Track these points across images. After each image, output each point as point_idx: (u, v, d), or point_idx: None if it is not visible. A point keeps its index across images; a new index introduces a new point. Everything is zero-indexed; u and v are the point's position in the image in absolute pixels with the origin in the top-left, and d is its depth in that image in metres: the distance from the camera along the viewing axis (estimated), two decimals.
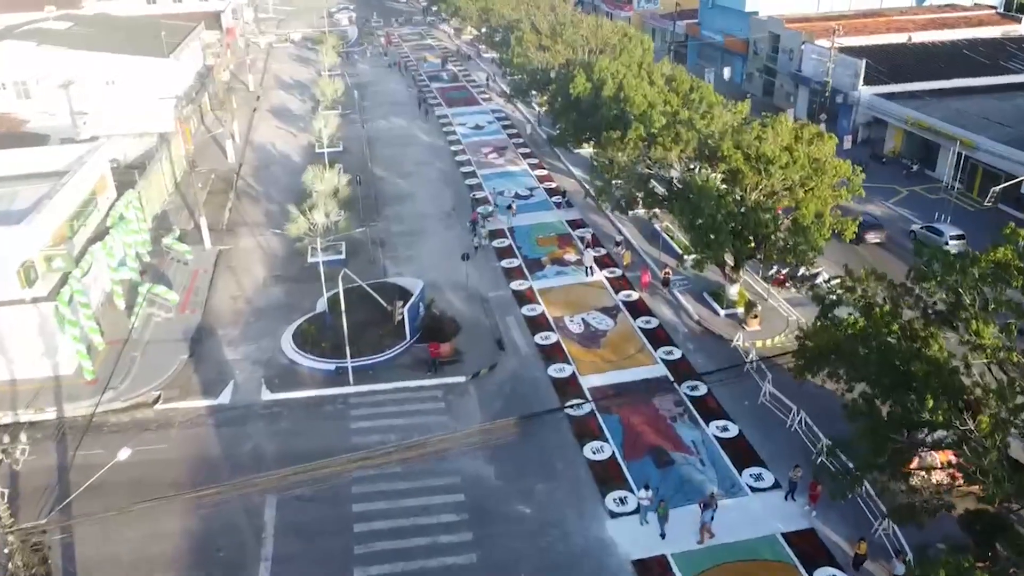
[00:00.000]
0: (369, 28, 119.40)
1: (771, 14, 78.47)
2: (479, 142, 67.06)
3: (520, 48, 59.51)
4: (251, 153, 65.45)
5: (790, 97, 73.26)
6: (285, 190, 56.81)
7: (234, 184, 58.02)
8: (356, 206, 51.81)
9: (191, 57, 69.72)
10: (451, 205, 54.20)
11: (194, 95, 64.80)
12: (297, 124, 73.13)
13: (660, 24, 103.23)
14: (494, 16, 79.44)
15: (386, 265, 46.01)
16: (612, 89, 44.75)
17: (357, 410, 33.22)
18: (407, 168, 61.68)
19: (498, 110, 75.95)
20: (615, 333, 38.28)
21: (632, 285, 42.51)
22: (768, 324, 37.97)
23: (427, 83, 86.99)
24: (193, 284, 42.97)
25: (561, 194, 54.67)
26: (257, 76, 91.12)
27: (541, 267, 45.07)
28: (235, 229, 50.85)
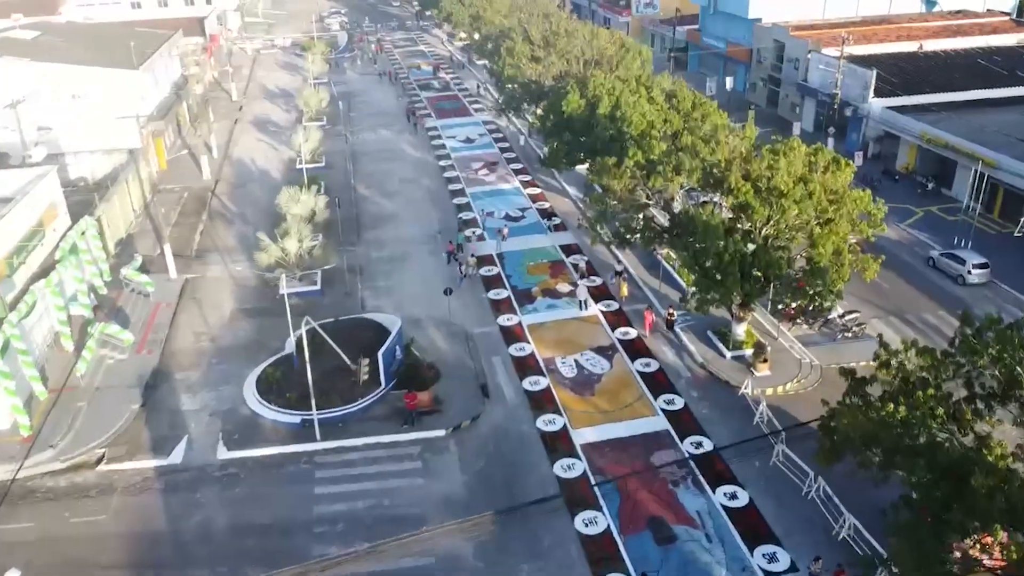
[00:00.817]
0: (360, 33, 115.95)
1: (776, 21, 75.15)
2: (469, 157, 63.69)
3: (511, 59, 56.14)
4: (229, 169, 62.05)
5: (796, 108, 69.92)
6: (262, 211, 53.40)
7: (207, 204, 54.61)
8: (335, 228, 48.53)
9: (166, 67, 66.34)
10: (437, 228, 50.79)
11: (167, 108, 61.39)
12: (280, 136, 69.74)
13: (659, 30, 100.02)
14: (485, 23, 76.03)
15: (364, 297, 42.61)
16: (608, 107, 41.37)
17: (324, 471, 29.81)
18: (392, 186, 58.31)
19: (490, 121, 72.60)
20: (611, 378, 34.88)
21: (630, 321, 39.13)
22: (779, 368, 34.58)
23: (417, 92, 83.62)
24: (153, 319, 39.55)
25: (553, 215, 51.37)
26: (241, 84, 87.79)
27: (531, 299, 41.68)
28: (205, 255, 47.42)
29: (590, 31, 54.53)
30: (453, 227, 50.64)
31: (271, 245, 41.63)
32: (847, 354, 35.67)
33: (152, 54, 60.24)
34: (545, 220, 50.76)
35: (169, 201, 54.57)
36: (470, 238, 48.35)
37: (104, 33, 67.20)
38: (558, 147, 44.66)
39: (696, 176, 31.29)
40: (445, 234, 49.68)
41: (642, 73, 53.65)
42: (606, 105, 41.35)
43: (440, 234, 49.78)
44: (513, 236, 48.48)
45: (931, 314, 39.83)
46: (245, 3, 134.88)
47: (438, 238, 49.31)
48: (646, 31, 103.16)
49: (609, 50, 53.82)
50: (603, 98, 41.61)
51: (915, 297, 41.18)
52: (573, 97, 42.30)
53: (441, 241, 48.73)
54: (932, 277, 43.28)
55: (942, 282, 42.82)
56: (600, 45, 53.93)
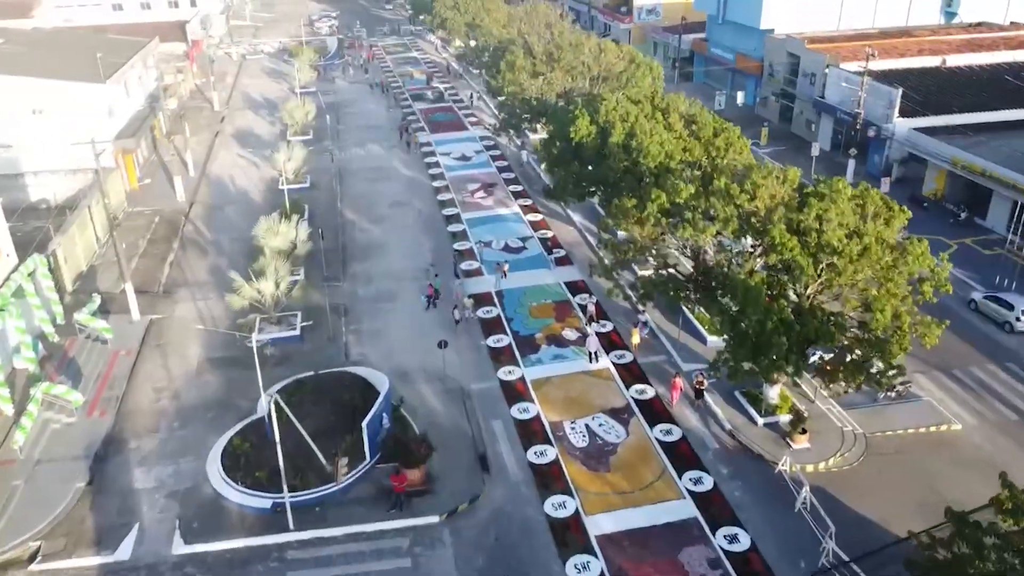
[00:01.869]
0: (350, 39, 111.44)
1: (789, 32, 71.12)
2: (465, 177, 59.37)
3: (512, 74, 51.81)
4: (206, 189, 57.55)
5: (811, 126, 65.90)
6: (239, 238, 48.97)
7: (180, 230, 50.12)
8: (318, 260, 44.18)
9: (141, 78, 61.82)
10: (430, 260, 46.46)
11: (140, 123, 56.86)
12: (262, 151, 65.22)
13: (662, 38, 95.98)
14: (482, 33, 71.56)
15: (348, 342, 38.25)
16: (622, 135, 37.11)
17: (296, 570, 25.46)
18: (381, 210, 53.93)
19: (487, 137, 68.26)
20: (628, 448, 30.63)
21: (646, 376, 34.89)
22: (819, 439, 30.41)
23: (409, 103, 79.21)
24: (110, 372, 35.09)
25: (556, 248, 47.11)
26: (224, 93, 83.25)
27: (535, 348, 37.40)
28: (173, 291, 42.97)
29: (597, 45, 50.29)
30: (448, 259, 46.34)
31: (244, 286, 37.23)
32: (894, 419, 31.68)
33: (123, 65, 55.72)
34: (548, 252, 46.43)
35: (138, 227, 50.10)
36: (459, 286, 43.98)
37: (73, 41, 62.63)
38: (565, 177, 40.27)
39: (732, 227, 27.07)
40: (440, 266, 45.41)
41: (654, 91, 49.42)
42: (620, 132, 37.08)
43: (432, 267, 45.45)
44: (513, 271, 44.17)
45: (979, 367, 35.85)
46: (232, 5, 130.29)
47: (431, 272, 44.97)
48: (648, 39, 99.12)
49: (617, 65, 49.58)
50: (616, 124, 37.32)
51: (958, 347, 37.08)
52: (582, 122, 38.03)
53: (433, 276, 44.40)
54: (975, 322, 39.26)
55: (986, 328, 38.84)
56: (608, 60, 49.72)
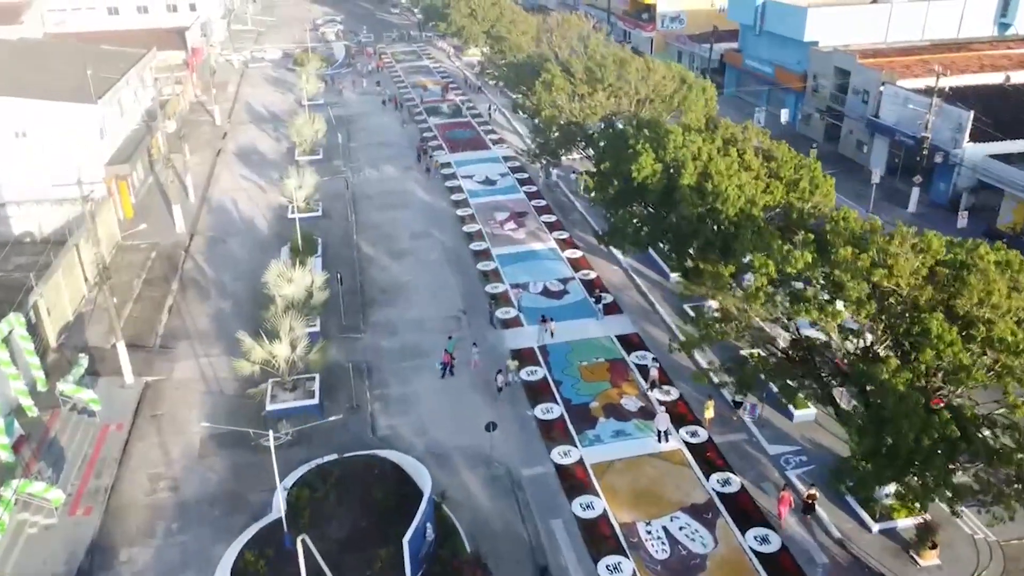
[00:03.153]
0: (357, 46, 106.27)
1: (834, 44, 66.14)
2: (491, 204, 54.23)
3: (548, 95, 46.61)
4: (207, 217, 52.36)
5: (863, 147, 60.86)
6: (245, 277, 43.90)
7: (179, 268, 44.95)
8: (336, 306, 39.10)
9: (136, 93, 56.64)
10: (461, 305, 41.36)
11: (136, 144, 51.66)
12: (268, 173, 60.11)
13: (687, 47, 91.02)
14: (509, 47, 66.25)
15: (374, 412, 33.13)
16: (694, 176, 32.01)
17: None
18: (401, 242, 48.79)
19: (511, 157, 63.17)
20: (718, 562, 25.53)
21: (726, 460, 29.82)
22: (949, 553, 25.32)
23: (424, 118, 74.05)
24: (97, 454, 29.95)
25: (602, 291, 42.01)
26: (226, 105, 78.07)
27: (591, 420, 32.30)
28: (172, 344, 37.82)
29: (644, 63, 45.17)
30: (483, 302, 41.24)
31: (254, 348, 32.10)
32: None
33: (117, 81, 50.55)
34: (593, 297, 41.23)
35: (132, 264, 44.93)
36: (496, 326, 38.97)
37: (61, 54, 57.42)
38: (624, 222, 35.02)
39: (867, 311, 21.93)
40: (473, 311, 40.33)
41: (709, 115, 44.41)
42: (691, 173, 31.96)
43: (464, 314, 40.37)
44: (556, 318, 38.96)
45: None
46: (233, 10, 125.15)
47: (462, 320, 39.89)
48: (671, 48, 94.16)
49: (667, 87, 44.49)
50: (686, 163, 32.20)
51: None
52: (646, 160, 32.84)
53: (466, 325, 39.36)
54: None
55: None
56: (656, 80, 44.61)
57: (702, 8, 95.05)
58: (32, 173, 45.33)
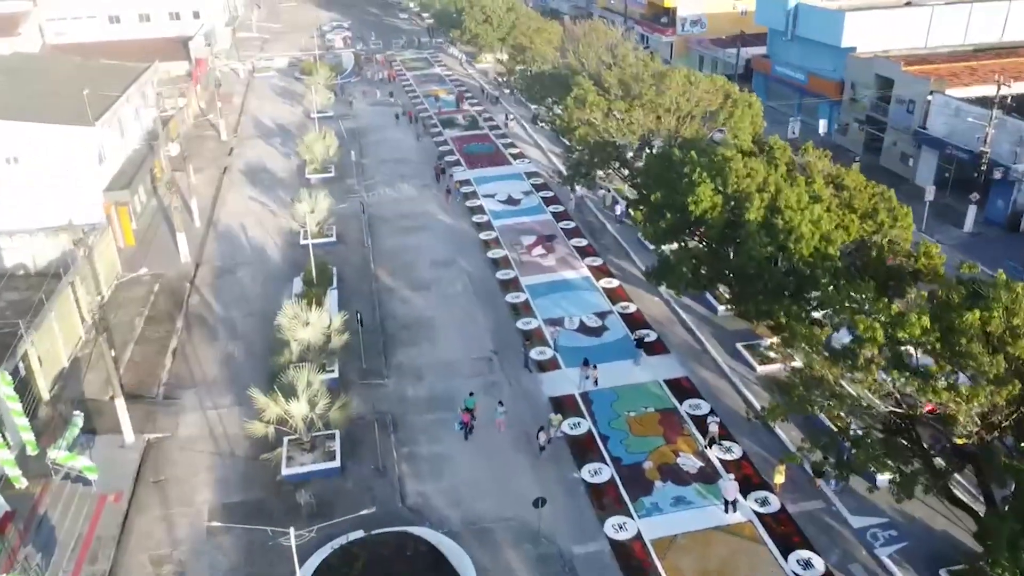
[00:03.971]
0: (366, 53, 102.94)
1: (873, 50, 62.59)
2: (516, 226, 50.75)
3: (581, 112, 43.06)
4: (214, 244, 48.97)
5: (908, 160, 57.23)
6: (256, 313, 40.57)
7: (184, 304, 41.58)
8: (356, 347, 35.69)
9: (137, 111, 53.32)
10: (491, 344, 37.89)
11: (138, 166, 48.32)
12: (277, 193, 56.75)
13: (709, 52, 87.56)
14: (534, 57, 62.56)
15: (401, 474, 29.69)
16: (760, 209, 28.47)
17: None
18: (422, 271, 45.36)
19: (534, 172, 59.71)
20: None
21: (804, 534, 26.27)
22: None
23: (439, 130, 70.61)
24: (93, 531, 26.54)
25: (644, 328, 38.48)
26: (232, 118, 74.77)
27: (646, 484, 28.81)
28: (176, 395, 34.42)
29: (685, 76, 41.64)
30: (515, 340, 37.78)
31: (270, 406, 28.70)
32: None
33: (116, 100, 47.24)
34: (634, 338, 37.59)
35: (134, 299, 41.59)
36: (532, 369, 35.51)
37: (57, 70, 54.14)
38: (681, 261, 31.41)
39: (1010, 391, 18.33)
40: (506, 353, 36.87)
41: (755, 132, 40.96)
42: (758, 207, 28.43)
43: (496, 355, 36.92)
44: (596, 359, 35.42)
45: None
46: (238, 17, 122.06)
47: (493, 362, 36.45)
48: (693, 53, 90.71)
49: (712, 102, 40.95)
50: (752, 196, 28.66)
51: None
52: (705, 191, 29.24)
53: (498, 368, 35.93)
54: None
55: None
56: (699, 95, 41.07)
57: (724, 11, 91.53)
58: (25, 201, 42.11)
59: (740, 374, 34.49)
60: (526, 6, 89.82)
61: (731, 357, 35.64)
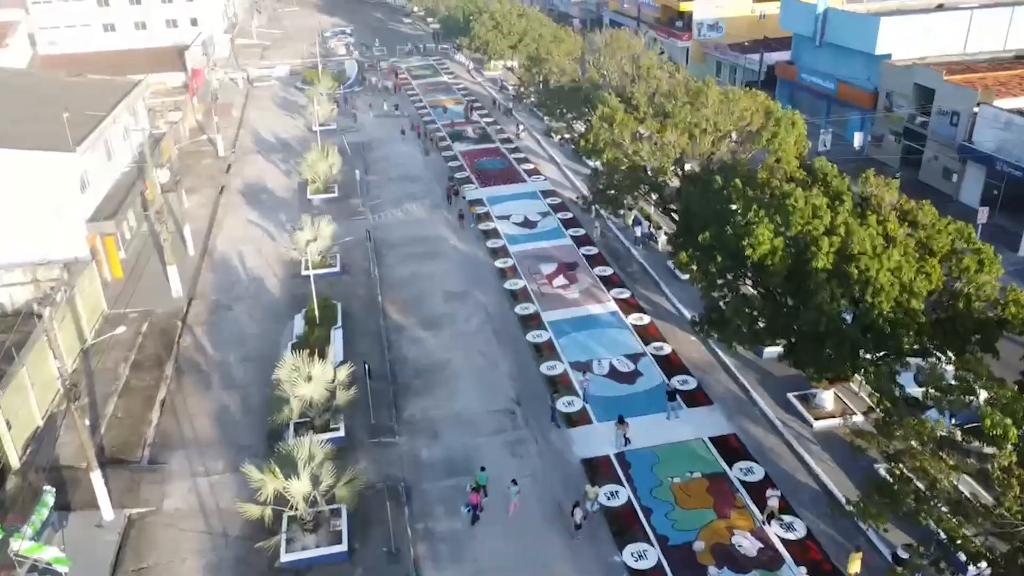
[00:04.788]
0: (371, 60, 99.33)
1: (909, 57, 58.84)
2: (534, 252, 47.04)
3: (608, 131, 39.28)
4: (209, 275, 45.35)
5: (951, 176, 53.44)
6: (253, 358, 36.96)
7: (174, 347, 37.92)
8: (364, 398, 32.03)
9: (126, 130, 49.67)
10: (512, 392, 34.19)
11: (126, 192, 44.69)
12: (278, 216, 53.14)
13: (727, 57, 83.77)
14: (553, 66, 58.65)
15: (418, 560, 25.98)
16: (829, 255, 24.72)
17: None
18: (434, 305, 41.68)
19: (550, 190, 56.02)
20: None
21: None
22: None
23: (447, 143, 66.93)
24: None
25: (681, 374, 34.70)
26: (230, 131, 71.21)
27: (699, 570, 25.06)
28: (163, 459, 30.77)
29: (723, 93, 37.87)
30: (539, 388, 34.07)
31: (266, 483, 25.04)
32: None
33: (102, 120, 43.62)
34: (668, 391, 33.72)
35: (120, 342, 37.84)
36: (560, 424, 31.80)
37: (41, 88, 50.50)
38: (737, 312, 27.53)
39: None
40: (526, 405, 33.18)
41: (800, 154, 37.25)
42: (827, 252, 24.68)
43: (520, 406, 33.23)
44: (630, 413, 31.68)
45: None
46: (237, 24, 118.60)
47: (517, 416, 32.75)
48: (710, 59, 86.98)
49: (753, 120, 37.20)
50: (820, 240, 24.89)
51: None
52: (764, 233, 25.40)
53: (522, 422, 32.23)
54: None
55: None
56: (739, 113, 37.31)
57: (742, 15, 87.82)
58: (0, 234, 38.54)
59: (794, 430, 30.76)
60: (536, 11, 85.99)
61: (783, 409, 31.93)
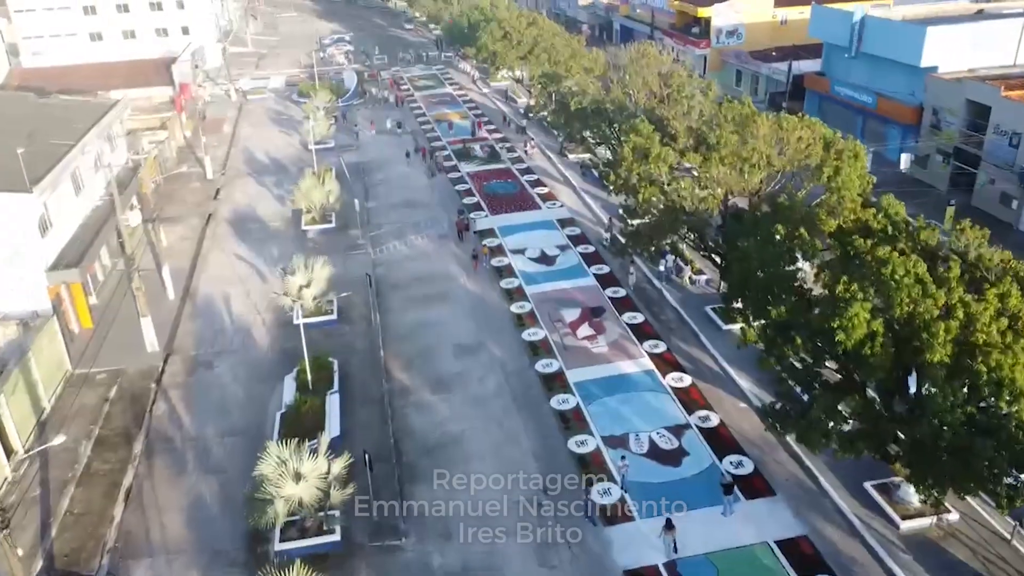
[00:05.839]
0: (371, 69, 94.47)
1: (955, 69, 53.95)
2: (554, 294, 42.10)
3: (642, 166, 34.21)
4: (190, 324, 40.43)
5: (1011, 203, 48.43)
6: (237, 428, 32.15)
7: (147, 414, 33.01)
8: (364, 484, 27.10)
9: (99, 160, 44.76)
10: (538, 474, 29.20)
11: (95, 233, 39.75)
12: (268, 250, 48.27)
13: (748, 66, 79.00)
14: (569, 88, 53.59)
15: None
16: (945, 346, 19.69)
17: None
18: (445, 361, 36.74)
19: (567, 218, 51.12)
20: None
21: None
22: None
23: (453, 162, 62.01)
24: None
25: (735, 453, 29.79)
26: (221, 151, 66.41)
27: None
28: (124, 570, 25.80)
29: (775, 123, 32.78)
30: (568, 467, 29.15)
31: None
32: None
33: (67, 153, 38.70)
34: (724, 462, 28.93)
35: (84, 409, 33.06)
36: (596, 521, 26.88)
37: (7, 112, 45.51)
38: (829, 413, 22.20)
39: None
40: (555, 493, 28.23)
41: (864, 192, 32.29)
42: (943, 342, 19.68)
43: (547, 495, 28.27)
44: (676, 503, 26.84)
45: None
46: (232, 31, 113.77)
47: (545, 508, 27.77)
48: (729, 67, 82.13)
49: (812, 155, 32.17)
50: (935, 328, 19.79)
51: None
52: (859, 314, 20.33)
53: (550, 518, 27.27)
54: None
55: None
56: (795, 145, 32.29)
57: (763, 21, 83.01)
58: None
59: (877, 532, 25.80)
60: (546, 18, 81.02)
61: (859, 503, 26.96)
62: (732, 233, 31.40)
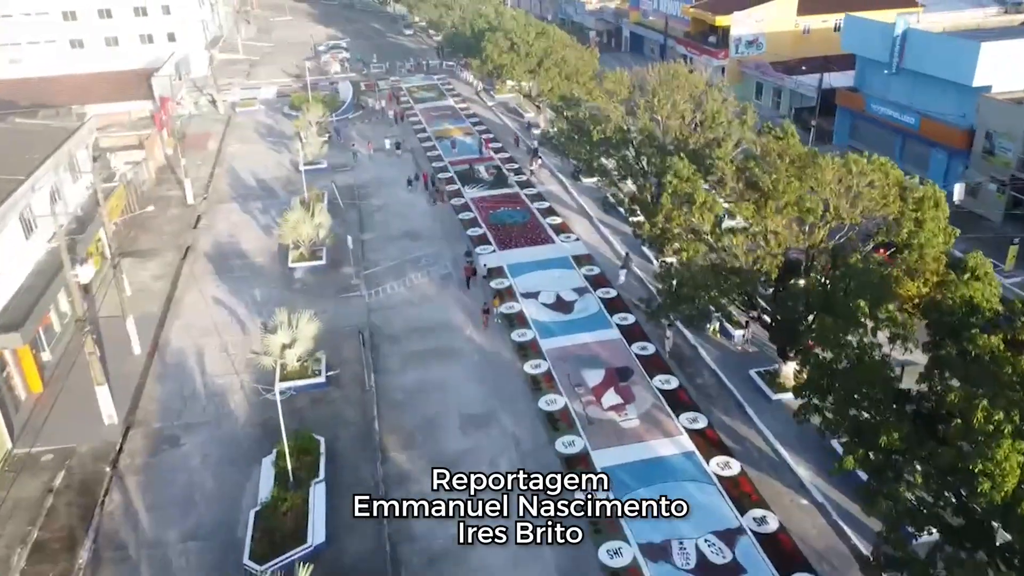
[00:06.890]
0: (368, 79, 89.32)
1: (1010, 89, 48.92)
2: (573, 350, 36.93)
3: (682, 213, 28.98)
4: (155, 387, 35.17)
5: None
6: (203, 530, 26.93)
7: (97, 510, 27.79)
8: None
9: (57, 194, 39.54)
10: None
11: (45, 285, 34.44)
12: (250, 292, 43.09)
13: (770, 77, 74.04)
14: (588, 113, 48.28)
15: None
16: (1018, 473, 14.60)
17: None
18: (450, 438, 31.56)
19: (585, 258, 45.91)
20: None
21: None
22: None
23: (457, 186, 56.88)
24: None
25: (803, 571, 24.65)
26: (204, 171, 61.27)
27: None
28: None
29: (843, 167, 27.59)
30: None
31: None
32: None
33: (13, 192, 33.46)
34: None
35: (21, 503, 27.85)
36: None
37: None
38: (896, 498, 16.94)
39: None
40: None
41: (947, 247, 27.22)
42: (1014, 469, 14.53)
43: None
44: None
45: None
46: (222, 37, 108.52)
47: None
48: (749, 79, 77.09)
49: (891, 205, 26.93)
50: None
51: None
52: (1012, 458, 15.03)
53: None
54: None
55: None
56: (864, 193, 27.15)
57: (785, 30, 78.07)
58: None
59: None
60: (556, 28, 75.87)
61: None
62: (791, 298, 26.29)
